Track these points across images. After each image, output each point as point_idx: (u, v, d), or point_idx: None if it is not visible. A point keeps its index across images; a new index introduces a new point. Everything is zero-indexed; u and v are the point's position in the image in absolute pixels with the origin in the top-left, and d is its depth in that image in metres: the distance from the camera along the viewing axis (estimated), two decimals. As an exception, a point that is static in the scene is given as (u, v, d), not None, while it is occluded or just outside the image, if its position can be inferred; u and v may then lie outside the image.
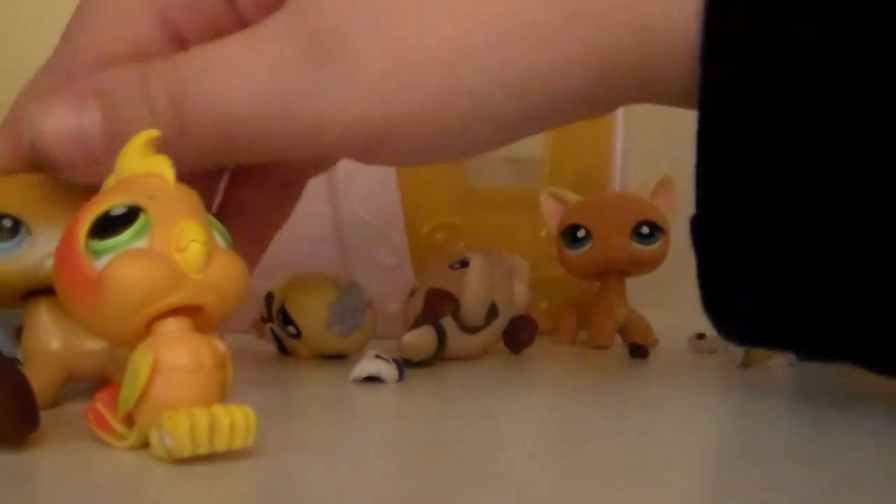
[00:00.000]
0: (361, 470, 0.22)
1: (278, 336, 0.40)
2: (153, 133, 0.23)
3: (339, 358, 0.39)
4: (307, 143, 0.27)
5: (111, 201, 0.22)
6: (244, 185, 0.33)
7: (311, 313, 0.38)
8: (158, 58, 0.27)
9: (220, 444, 0.21)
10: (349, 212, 0.47)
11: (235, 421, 0.21)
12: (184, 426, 0.21)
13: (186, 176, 0.23)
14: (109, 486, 0.20)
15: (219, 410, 0.21)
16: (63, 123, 0.25)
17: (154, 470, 0.21)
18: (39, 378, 0.26)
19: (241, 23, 0.29)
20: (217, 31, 0.28)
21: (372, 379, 0.33)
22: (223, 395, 0.22)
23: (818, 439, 0.27)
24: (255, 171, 0.33)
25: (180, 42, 0.29)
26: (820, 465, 0.24)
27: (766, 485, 0.21)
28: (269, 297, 0.40)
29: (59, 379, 0.27)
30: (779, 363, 0.41)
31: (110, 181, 0.23)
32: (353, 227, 0.47)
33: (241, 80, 0.26)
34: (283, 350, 0.41)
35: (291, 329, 0.39)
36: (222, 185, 0.33)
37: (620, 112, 0.54)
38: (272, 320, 0.40)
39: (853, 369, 0.38)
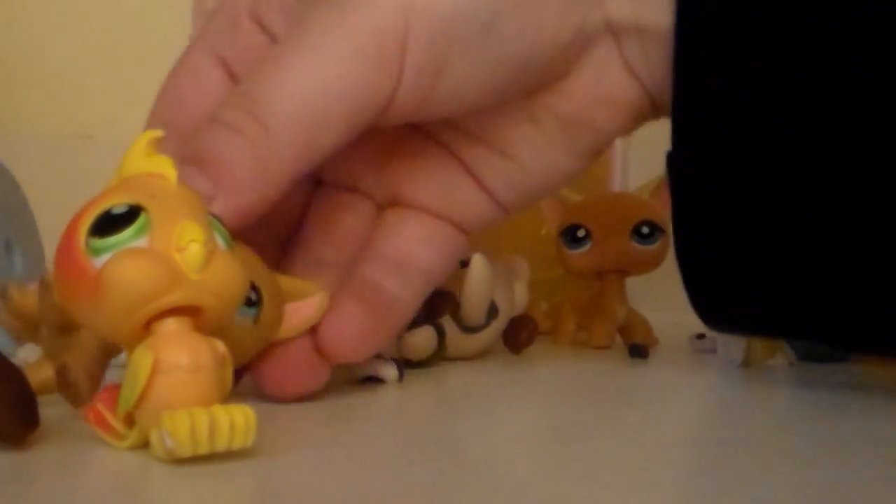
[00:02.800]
0: (361, 469, 0.22)
1: (278, 336, 0.40)
2: (158, 133, 0.23)
3: (339, 358, 0.39)
4: (372, 67, 0.27)
5: (112, 200, 0.22)
6: None
7: (311, 313, 0.38)
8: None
9: (220, 444, 0.21)
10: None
11: (235, 421, 0.21)
12: (184, 426, 0.21)
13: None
14: (109, 486, 0.20)
15: (219, 410, 0.21)
16: None
17: (154, 470, 0.21)
18: (86, 359, 0.27)
19: None
20: None
21: (372, 379, 0.33)
22: (223, 395, 0.22)
23: (818, 439, 0.27)
24: None
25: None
26: (820, 465, 0.24)
27: (766, 484, 0.21)
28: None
29: (101, 373, 0.28)
30: (779, 363, 0.41)
31: (113, 180, 0.23)
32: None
33: (308, 70, 0.27)
34: (283, 350, 0.41)
35: (291, 329, 0.39)
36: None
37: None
38: (272, 320, 0.40)
39: (852, 369, 0.38)
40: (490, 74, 0.29)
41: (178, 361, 0.21)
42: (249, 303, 0.27)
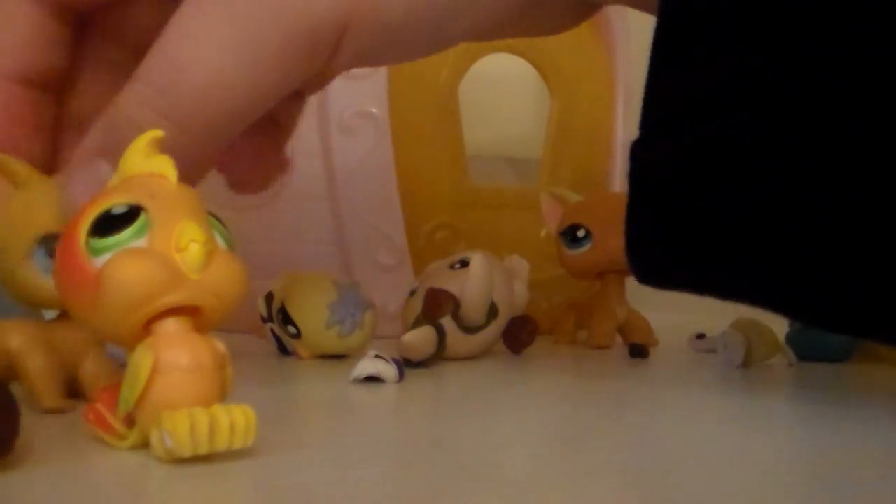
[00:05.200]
0: (361, 469, 0.22)
1: (278, 336, 0.40)
2: (158, 133, 0.23)
3: (339, 358, 0.39)
4: (301, 62, 0.27)
5: (113, 200, 0.22)
6: None
7: (311, 313, 0.38)
8: (124, 87, 0.27)
9: (220, 444, 0.21)
10: (349, 212, 0.47)
11: (235, 421, 0.21)
12: (184, 426, 0.21)
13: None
14: (109, 486, 0.20)
15: (219, 410, 0.21)
16: (91, 192, 0.25)
17: (154, 470, 0.21)
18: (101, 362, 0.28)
19: None
20: None
21: (372, 379, 0.33)
22: (223, 395, 0.22)
23: (818, 439, 0.27)
24: None
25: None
26: (820, 465, 0.24)
27: (766, 485, 0.21)
28: (269, 297, 0.40)
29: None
30: (779, 363, 0.41)
31: (114, 180, 0.23)
32: (353, 227, 0.47)
33: (209, 50, 0.26)
34: (283, 350, 0.41)
35: (291, 329, 0.39)
36: None
37: (620, 112, 0.54)
38: (272, 320, 0.40)
39: (852, 369, 0.38)
40: (434, 49, 0.29)
41: (178, 361, 0.21)
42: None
